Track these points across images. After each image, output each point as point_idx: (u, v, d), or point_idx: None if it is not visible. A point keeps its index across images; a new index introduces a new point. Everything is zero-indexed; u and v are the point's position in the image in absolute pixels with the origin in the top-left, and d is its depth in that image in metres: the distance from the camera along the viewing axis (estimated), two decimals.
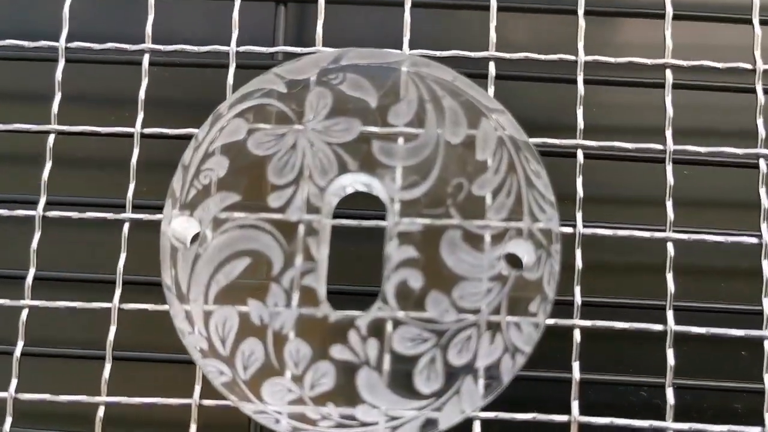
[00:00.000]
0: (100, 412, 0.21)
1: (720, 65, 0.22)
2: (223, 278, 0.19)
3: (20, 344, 0.21)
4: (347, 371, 0.19)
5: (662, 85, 0.22)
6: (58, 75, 0.22)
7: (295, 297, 0.19)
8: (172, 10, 0.25)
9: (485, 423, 0.20)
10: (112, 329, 0.21)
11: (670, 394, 0.20)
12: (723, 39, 0.25)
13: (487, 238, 0.19)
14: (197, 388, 0.21)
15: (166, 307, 0.20)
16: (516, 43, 0.25)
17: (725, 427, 0.20)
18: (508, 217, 0.19)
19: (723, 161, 0.22)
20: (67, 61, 0.23)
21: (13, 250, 0.22)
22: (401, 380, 0.19)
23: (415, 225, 0.19)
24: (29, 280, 0.21)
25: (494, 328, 0.19)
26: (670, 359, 0.20)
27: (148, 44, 0.22)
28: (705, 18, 0.23)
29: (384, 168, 0.20)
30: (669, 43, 0.22)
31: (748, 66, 0.22)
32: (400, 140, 0.20)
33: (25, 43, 0.22)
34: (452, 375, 0.19)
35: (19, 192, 0.23)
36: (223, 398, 0.20)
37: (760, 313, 0.21)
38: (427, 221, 0.19)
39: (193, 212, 0.20)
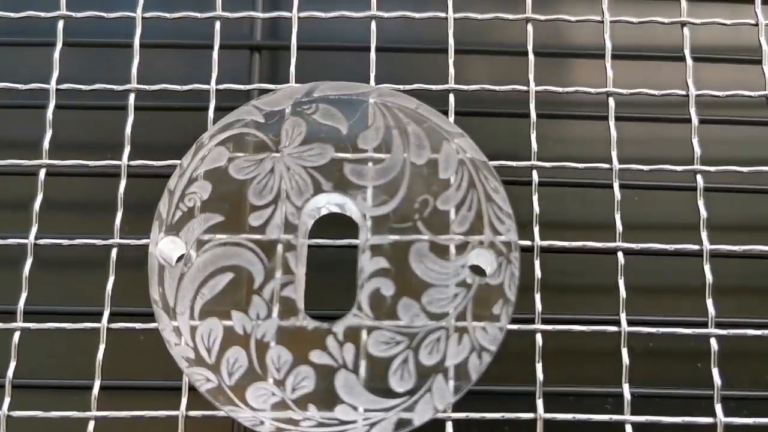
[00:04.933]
0: (90, 427, 0.22)
1: (656, 92, 0.24)
2: (208, 292, 0.21)
3: (12, 365, 0.22)
4: (326, 374, 0.20)
5: (606, 117, 0.24)
6: (49, 114, 0.24)
7: (276, 308, 0.21)
8: (152, 59, 0.27)
9: (456, 423, 0.22)
10: (101, 348, 0.22)
11: (626, 389, 0.22)
12: (661, 76, 0.28)
13: (452, 249, 0.21)
14: (183, 401, 0.22)
15: (153, 325, 0.22)
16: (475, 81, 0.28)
17: (679, 418, 0.22)
18: (470, 229, 0.21)
19: (664, 185, 0.24)
20: (57, 107, 0.24)
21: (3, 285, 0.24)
22: (377, 381, 0.20)
23: (385, 238, 0.21)
24: (21, 305, 0.23)
25: (461, 330, 0.20)
26: (625, 358, 0.22)
27: (134, 84, 0.24)
28: (642, 57, 0.26)
29: (355, 188, 0.22)
30: (610, 73, 0.24)
31: (682, 92, 0.24)
32: (370, 163, 0.22)
33: (19, 86, 0.24)
34: (424, 374, 0.20)
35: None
36: (209, 409, 0.21)
37: (705, 324, 0.23)
38: (396, 235, 0.21)
39: (179, 233, 0.21)
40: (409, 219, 0.21)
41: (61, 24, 0.25)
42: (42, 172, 0.24)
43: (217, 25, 0.25)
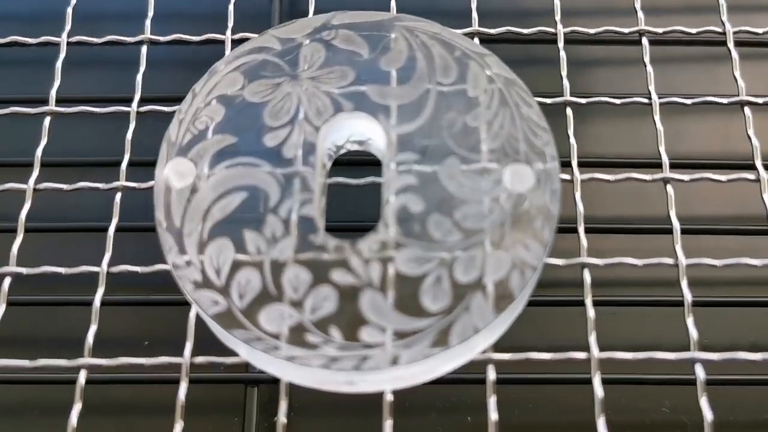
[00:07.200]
0: (82, 377, 0.19)
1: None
2: (219, 212, 0.19)
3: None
4: (350, 294, 0.18)
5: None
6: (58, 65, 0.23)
7: (293, 226, 0.19)
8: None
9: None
10: (100, 289, 0.20)
11: (690, 323, 0.19)
12: None
13: (486, 165, 0.19)
14: (188, 345, 0.19)
15: (157, 267, 0.20)
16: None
17: None
18: (504, 144, 0.19)
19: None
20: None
21: None
22: (407, 300, 0.18)
23: (412, 155, 0.19)
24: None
25: (500, 245, 0.18)
26: (686, 292, 0.20)
27: (147, 35, 0.23)
28: None
29: (378, 108, 0.20)
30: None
31: None
32: (393, 83, 0.20)
33: (29, 39, 0.24)
34: (460, 292, 0.18)
35: None
36: (218, 354, 0.19)
37: None
38: (424, 152, 0.19)
39: (189, 154, 0.19)
40: (437, 136, 0.20)
41: None
42: (47, 120, 0.22)
43: None
